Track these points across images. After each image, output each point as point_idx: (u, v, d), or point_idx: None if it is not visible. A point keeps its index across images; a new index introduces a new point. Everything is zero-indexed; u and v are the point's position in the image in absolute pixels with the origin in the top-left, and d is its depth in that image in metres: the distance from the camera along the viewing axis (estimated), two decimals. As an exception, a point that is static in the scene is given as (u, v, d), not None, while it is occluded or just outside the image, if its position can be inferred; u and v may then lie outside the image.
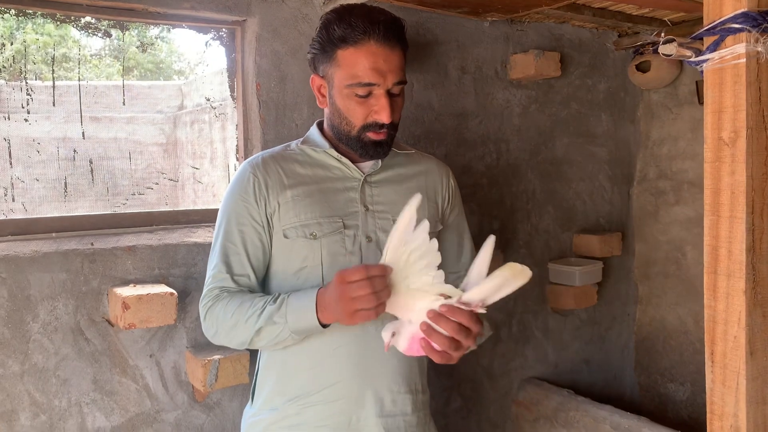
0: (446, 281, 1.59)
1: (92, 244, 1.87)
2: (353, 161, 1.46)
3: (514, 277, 1.22)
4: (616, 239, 2.89)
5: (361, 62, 1.33)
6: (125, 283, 1.88)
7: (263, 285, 1.48)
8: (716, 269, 1.11)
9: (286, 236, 1.40)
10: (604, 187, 2.99)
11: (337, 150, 1.46)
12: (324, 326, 1.28)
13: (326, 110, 1.48)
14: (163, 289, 1.82)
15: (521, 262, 2.80)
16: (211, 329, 1.40)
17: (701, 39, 1.14)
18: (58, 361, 1.81)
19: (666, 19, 2.60)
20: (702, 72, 1.15)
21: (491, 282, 1.21)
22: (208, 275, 1.42)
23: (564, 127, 2.83)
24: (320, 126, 1.53)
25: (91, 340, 1.85)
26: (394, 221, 1.42)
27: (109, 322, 1.87)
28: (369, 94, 1.36)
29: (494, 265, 1.23)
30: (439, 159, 1.64)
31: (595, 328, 3.01)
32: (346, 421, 1.39)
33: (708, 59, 1.11)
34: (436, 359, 1.22)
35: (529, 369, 2.79)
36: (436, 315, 1.19)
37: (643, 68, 2.87)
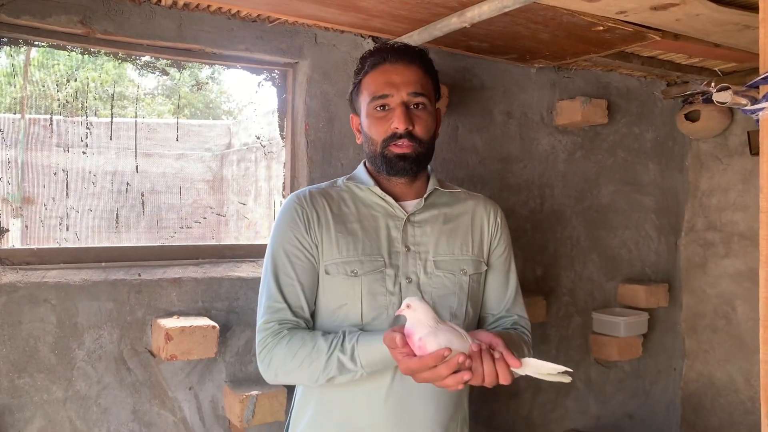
0: (484, 322, 1.57)
1: (139, 275, 1.90)
2: (398, 199, 1.46)
3: (558, 376, 1.21)
4: (663, 290, 2.82)
5: (377, 80, 1.41)
6: (169, 314, 1.91)
7: None
8: (773, 323, 1.07)
9: (327, 272, 1.39)
10: (650, 236, 2.94)
11: (381, 188, 1.45)
12: None
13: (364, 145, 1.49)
14: (205, 321, 1.84)
15: (564, 310, 2.75)
16: (269, 371, 1.36)
17: (757, 87, 1.12)
18: (100, 389, 1.84)
19: (716, 69, 2.58)
20: (757, 121, 1.13)
21: (544, 365, 1.20)
22: (262, 308, 1.38)
23: (610, 175, 2.80)
24: (366, 165, 1.53)
25: (132, 370, 1.88)
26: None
27: (151, 353, 1.89)
28: (386, 108, 1.40)
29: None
30: (487, 197, 1.61)
31: (639, 382, 2.92)
32: None
33: (764, 108, 1.09)
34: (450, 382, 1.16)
35: (570, 421, 2.71)
36: (486, 349, 1.18)
37: (692, 117, 2.83)
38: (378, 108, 1.40)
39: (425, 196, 1.47)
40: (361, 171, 1.51)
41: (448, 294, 1.42)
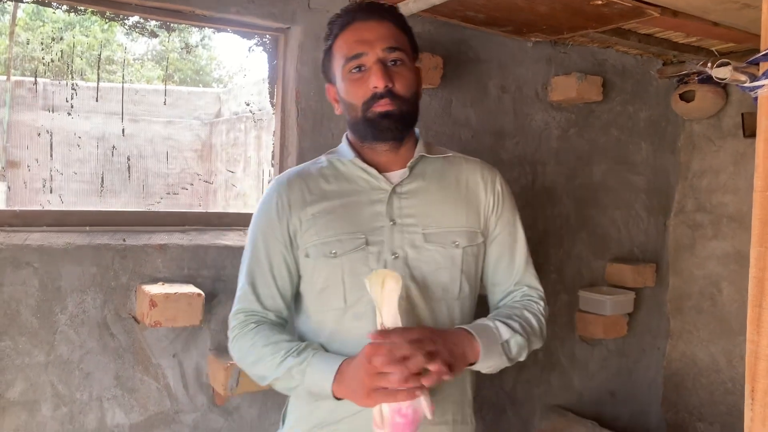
0: (494, 297, 1.47)
1: (124, 240, 1.88)
2: (383, 170, 1.37)
3: (384, 284, 1.15)
4: (650, 270, 2.83)
5: (348, 40, 1.32)
6: (154, 280, 1.88)
7: (295, 302, 1.42)
8: (761, 303, 1.07)
9: (307, 255, 1.33)
10: (640, 216, 2.94)
11: (364, 159, 1.37)
12: (337, 398, 1.22)
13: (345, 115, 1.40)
14: (191, 289, 1.82)
15: (552, 288, 2.75)
16: (235, 356, 1.36)
17: (757, 64, 1.10)
18: (83, 354, 1.82)
19: (713, 49, 2.56)
20: (755, 98, 1.11)
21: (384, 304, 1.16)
22: (237, 294, 1.38)
23: (602, 153, 2.79)
24: (348, 136, 1.44)
25: (116, 336, 1.86)
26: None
27: (135, 319, 1.88)
28: (362, 68, 1.30)
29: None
30: (485, 162, 1.49)
31: (623, 360, 2.94)
32: None
33: (764, 85, 1.07)
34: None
35: (553, 397, 2.73)
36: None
37: (686, 98, 2.82)
38: (353, 69, 1.30)
39: (410, 164, 1.37)
40: (343, 144, 1.42)
41: (439, 269, 1.33)
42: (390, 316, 1.15)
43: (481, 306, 1.44)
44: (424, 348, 1.14)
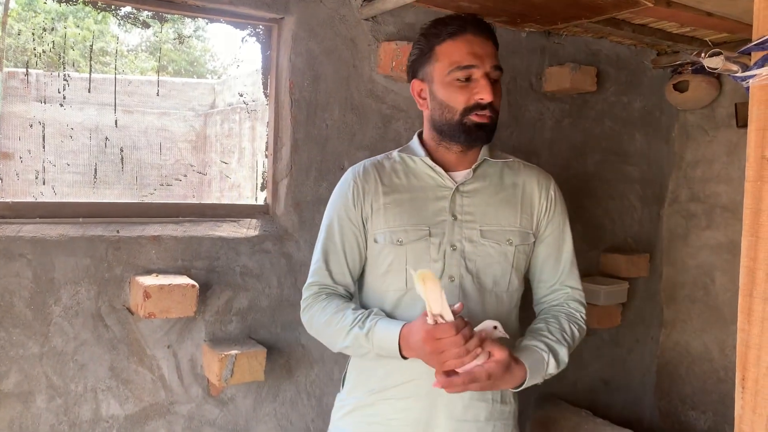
0: (537, 291, 1.62)
1: (118, 231, 1.87)
2: (449, 169, 1.51)
3: (425, 282, 1.25)
4: (644, 260, 2.84)
5: (459, 49, 1.42)
6: (148, 272, 1.88)
7: (359, 281, 1.58)
8: (752, 292, 1.07)
9: (376, 241, 1.49)
10: (634, 206, 2.94)
11: (433, 158, 1.50)
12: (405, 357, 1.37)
13: (426, 113, 1.52)
14: (185, 280, 1.82)
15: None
16: (306, 323, 1.53)
17: (749, 54, 1.10)
18: (77, 345, 1.82)
19: (707, 39, 2.56)
20: (747, 88, 1.12)
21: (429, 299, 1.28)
22: (311, 268, 1.54)
23: (596, 144, 2.79)
24: (420, 135, 1.58)
25: (110, 327, 1.86)
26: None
27: (129, 311, 1.88)
28: (469, 78, 1.42)
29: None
30: (541, 168, 1.62)
31: (617, 350, 2.96)
32: (416, 418, 1.45)
33: (755, 75, 1.07)
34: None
35: (547, 386, 2.73)
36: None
37: (680, 88, 2.82)
38: (460, 78, 1.42)
39: (474, 167, 1.50)
40: (414, 142, 1.56)
41: (492, 263, 1.48)
42: (436, 306, 1.26)
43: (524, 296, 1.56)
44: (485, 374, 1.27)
